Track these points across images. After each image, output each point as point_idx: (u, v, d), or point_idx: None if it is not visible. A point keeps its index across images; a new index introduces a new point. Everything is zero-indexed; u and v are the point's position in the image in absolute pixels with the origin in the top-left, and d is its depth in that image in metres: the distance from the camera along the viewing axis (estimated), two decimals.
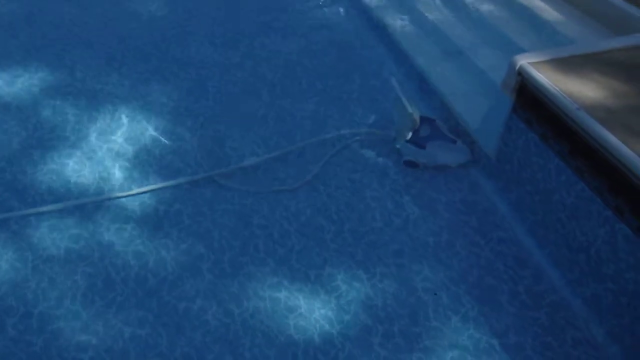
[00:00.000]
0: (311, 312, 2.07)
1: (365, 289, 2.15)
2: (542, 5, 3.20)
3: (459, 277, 2.21)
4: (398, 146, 2.63)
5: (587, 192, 2.04)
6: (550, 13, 3.16)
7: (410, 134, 2.60)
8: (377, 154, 2.68)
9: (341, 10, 3.67)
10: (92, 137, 2.67)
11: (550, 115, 2.15)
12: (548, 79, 2.16)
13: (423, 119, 2.67)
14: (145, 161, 2.58)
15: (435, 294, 2.13)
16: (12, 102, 2.81)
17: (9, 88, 2.89)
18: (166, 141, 2.67)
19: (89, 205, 2.36)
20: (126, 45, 3.24)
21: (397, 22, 3.45)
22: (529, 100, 2.25)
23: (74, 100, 2.85)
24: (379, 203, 2.46)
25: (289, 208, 2.41)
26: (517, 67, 2.26)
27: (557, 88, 2.12)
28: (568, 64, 2.25)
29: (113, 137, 2.68)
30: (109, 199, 2.39)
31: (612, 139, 1.91)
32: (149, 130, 2.73)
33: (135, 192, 2.42)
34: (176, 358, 1.92)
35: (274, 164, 2.60)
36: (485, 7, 3.35)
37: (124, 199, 2.40)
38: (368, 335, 2.01)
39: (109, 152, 2.61)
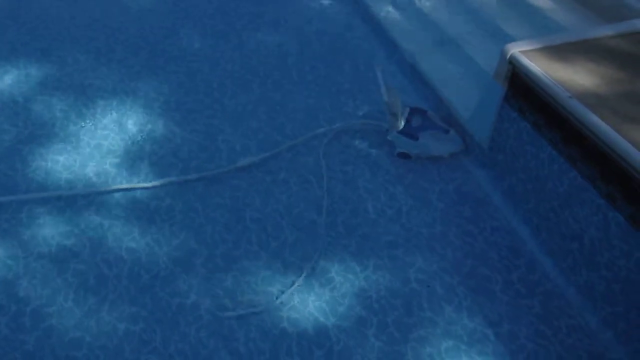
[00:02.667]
0: (305, 305, 2.06)
1: (359, 281, 2.14)
2: None
3: (452, 268, 2.21)
4: (390, 138, 2.62)
5: (579, 180, 2.04)
6: (540, 0, 3.15)
7: (402, 125, 2.59)
8: (369, 145, 2.67)
9: (332, 1, 3.64)
10: (82, 133, 2.65)
11: (542, 103, 2.14)
12: (539, 67, 2.15)
13: (414, 110, 2.65)
14: (136, 156, 2.56)
15: (428, 286, 2.13)
16: (0, 99, 2.78)
17: None
18: (158, 135, 2.65)
19: (80, 201, 2.35)
20: (115, 39, 3.21)
21: (388, 12, 3.43)
22: (521, 89, 2.24)
23: (63, 96, 2.83)
24: (371, 194, 2.45)
25: (281, 201, 2.40)
26: (508, 56, 2.25)
27: (548, 76, 2.11)
28: (559, 51, 2.24)
29: (103, 133, 2.66)
30: (108, 191, 2.38)
31: (604, 127, 1.91)
32: (139, 125, 2.71)
33: (128, 187, 2.41)
34: (170, 354, 1.91)
35: (267, 160, 2.58)
36: None
37: (115, 195, 2.38)
38: (362, 327, 2.01)
39: (98, 147, 2.59)
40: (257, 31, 3.36)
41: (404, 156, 2.60)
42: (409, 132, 2.58)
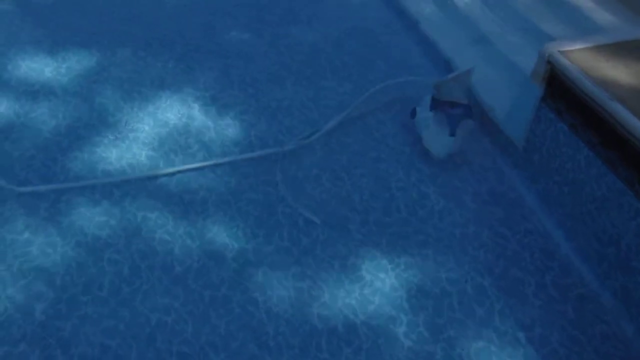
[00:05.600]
0: (335, 301, 2.07)
1: (390, 279, 2.14)
2: None
3: (484, 269, 2.19)
4: (429, 96, 2.59)
5: (618, 184, 2.00)
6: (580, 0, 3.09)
7: (444, 98, 2.56)
8: (402, 143, 2.66)
9: None
10: (119, 126, 2.69)
11: (581, 105, 2.10)
12: (579, 67, 2.11)
13: (467, 108, 2.57)
14: (171, 150, 2.59)
15: (466, 281, 2.11)
16: (40, 91, 2.85)
17: (37, 77, 2.93)
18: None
19: (115, 193, 2.39)
20: (151, 34, 3.25)
21: (423, 9, 3.40)
22: (559, 89, 2.20)
23: (101, 89, 2.88)
24: (404, 193, 2.45)
25: (313, 197, 2.41)
26: (547, 56, 2.22)
27: (588, 77, 2.07)
28: (600, 52, 2.20)
29: (139, 126, 2.70)
30: (142, 184, 2.42)
31: None
32: (175, 119, 2.74)
33: (164, 173, 2.46)
34: (201, 345, 1.94)
35: (300, 155, 2.60)
36: None
37: (149, 187, 2.42)
38: (392, 326, 2.01)
39: (135, 140, 2.63)
40: (291, 27, 3.37)
41: (412, 112, 2.64)
42: (435, 104, 2.54)
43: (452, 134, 2.50)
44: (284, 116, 2.78)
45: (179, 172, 2.49)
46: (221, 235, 2.26)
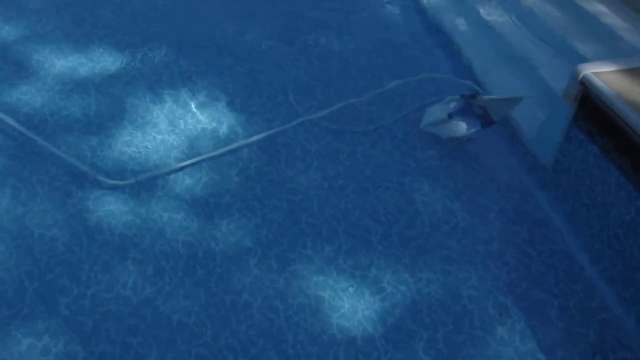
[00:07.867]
0: (355, 313, 2.07)
1: (411, 293, 2.13)
2: (607, 12, 3.10)
3: (507, 288, 2.17)
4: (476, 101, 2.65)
5: None
6: (615, 20, 3.06)
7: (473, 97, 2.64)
8: (429, 157, 2.66)
9: (398, 10, 3.64)
10: (148, 128, 2.73)
11: (613, 127, 2.08)
12: (613, 90, 2.09)
13: (490, 120, 2.59)
14: (198, 153, 2.62)
15: (500, 316, 2.09)
16: (74, 90, 2.90)
17: (72, 76, 2.99)
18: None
19: (142, 194, 2.42)
20: (184, 38, 3.30)
21: (455, 25, 3.40)
22: (591, 111, 2.18)
23: (132, 90, 2.93)
24: (428, 207, 2.44)
25: (338, 207, 2.42)
26: (580, 77, 2.20)
27: (622, 100, 2.05)
28: (635, 75, 2.18)
29: (168, 128, 2.74)
30: (170, 185, 2.45)
31: None
32: (204, 123, 2.77)
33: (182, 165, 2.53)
34: (220, 349, 1.95)
35: (325, 165, 2.61)
36: (547, 11, 3.27)
37: (176, 189, 2.45)
38: (411, 340, 2.00)
39: (164, 142, 2.66)
40: (322, 37, 3.39)
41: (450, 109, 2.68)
42: (469, 97, 2.64)
43: (450, 117, 2.56)
44: (312, 125, 2.79)
45: (207, 161, 2.57)
46: (245, 240, 2.28)
